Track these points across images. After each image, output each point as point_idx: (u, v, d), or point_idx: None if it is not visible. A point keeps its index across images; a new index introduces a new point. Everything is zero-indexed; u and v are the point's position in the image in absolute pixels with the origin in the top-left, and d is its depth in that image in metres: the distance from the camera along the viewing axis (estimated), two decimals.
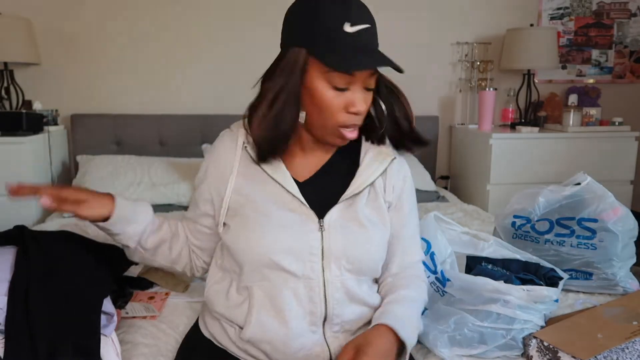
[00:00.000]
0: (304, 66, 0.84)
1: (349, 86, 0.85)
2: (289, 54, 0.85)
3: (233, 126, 0.99)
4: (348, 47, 0.82)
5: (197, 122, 2.63)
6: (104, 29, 2.65)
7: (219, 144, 0.97)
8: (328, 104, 0.85)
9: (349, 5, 0.83)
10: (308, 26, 0.83)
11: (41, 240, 1.10)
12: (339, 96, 0.85)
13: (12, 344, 0.87)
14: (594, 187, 1.39)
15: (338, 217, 0.91)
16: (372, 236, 0.93)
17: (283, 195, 0.91)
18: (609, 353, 0.99)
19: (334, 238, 0.90)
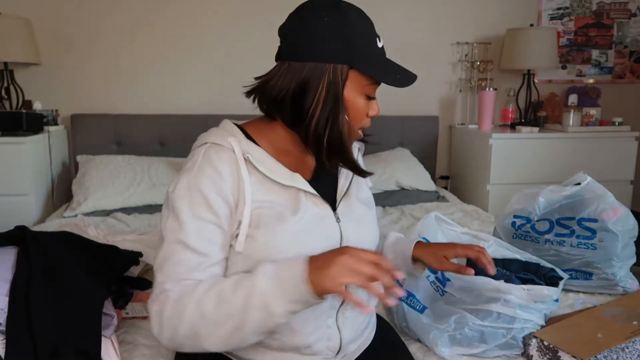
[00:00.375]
0: (345, 81, 0.87)
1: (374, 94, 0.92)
2: (327, 70, 0.86)
3: (213, 139, 0.88)
4: (383, 61, 0.90)
5: (197, 122, 2.63)
6: (104, 29, 2.65)
7: (219, 165, 0.85)
8: (361, 111, 0.91)
9: (371, 22, 0.90)
10: (348, 43, 0.85)
11: (42, 241, 1.11)
12: (366, 104, 0.91)
13: (12, 345, 0.87)
14: (594, 187, 1.39)
15: (345, 205, 0.97)
16: (372, 216, 1.02)
17: (299, 196, 0.91)
18: (609, 353, 0.99)
19: (350, 226, 0.95)
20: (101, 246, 1.30)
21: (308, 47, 0.86)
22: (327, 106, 0.86)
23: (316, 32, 0.85)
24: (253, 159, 0.87)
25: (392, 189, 2.51)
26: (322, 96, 0.86)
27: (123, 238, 1.65)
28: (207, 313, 0.78)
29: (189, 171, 0.85)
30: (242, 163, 0.86)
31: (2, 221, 2.07)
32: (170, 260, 0.83)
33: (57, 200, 2.50)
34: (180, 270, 0.82)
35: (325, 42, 0.85)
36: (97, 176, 2.32)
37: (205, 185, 0.83)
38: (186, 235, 0.82)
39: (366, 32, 0.87)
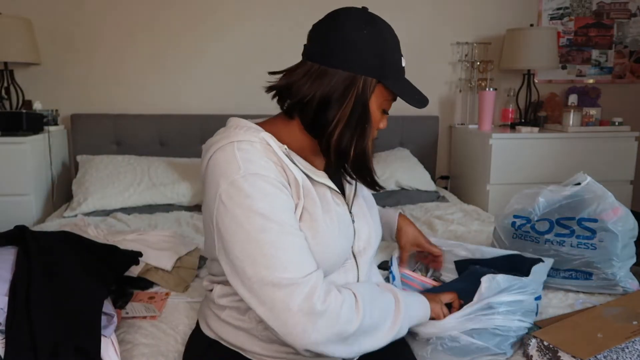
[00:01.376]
0: (371, 94, 0.89)
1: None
2: (358, 82, 0.87)
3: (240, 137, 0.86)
4: (404, 80, 0.93)
5: (197, 122, 2.63)
6: (104, 29, 2.65)
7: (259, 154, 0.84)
8: (377, 125, 0.94)
9: (398, 40, 0.93)
10: (379, 56, 0.88)
11: (42, 241, 1.11)
12: (381, 117, 0.94)
13: (12, 344, 0.87)
14: (594, 187, 1.39)
15: (356, 205, 1.01)
16: (376, 213, 1.06)
17: (327, 194, 0.92)
18: (609, 353, 0.99)
19: (361, 225, 0.99)
20: (101, 246, 1.30)
21: (343, 55, 0.86)
22: (353, 118, 0.88)
23: (354, 42, 0.86)
24: (289, 152, 0.89)
25: (392, 189, 2.51)
26: (350, 107, 0.87)
27: (123, 238, 1.65)
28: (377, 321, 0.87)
29: (235, 171, 0.81)
30: (282, 154, 0.86)
31: (2, 221, 2.07)
32: (280, 256, 0.78)
33: (57, 200, 2.50)
34: (296, 257, 0.79)
35: (362, 53, 0.86)
36: (97, 176, 2.32)
37: (263, 174, 0.82)
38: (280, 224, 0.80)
39: (395, 49, 0.91)
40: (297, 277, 0.78)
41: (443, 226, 2.05)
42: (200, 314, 1.07)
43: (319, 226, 0.87)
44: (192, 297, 1.36)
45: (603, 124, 2.73)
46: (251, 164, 0.82)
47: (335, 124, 0.87)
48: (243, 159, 0.82)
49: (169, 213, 2.20)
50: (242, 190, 0.80)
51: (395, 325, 0.89)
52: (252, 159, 0.83)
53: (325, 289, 0.80)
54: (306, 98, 0.87)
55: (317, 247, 0.86)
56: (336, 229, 0.90)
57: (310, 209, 0.87)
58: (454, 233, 1.98)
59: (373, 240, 1.01)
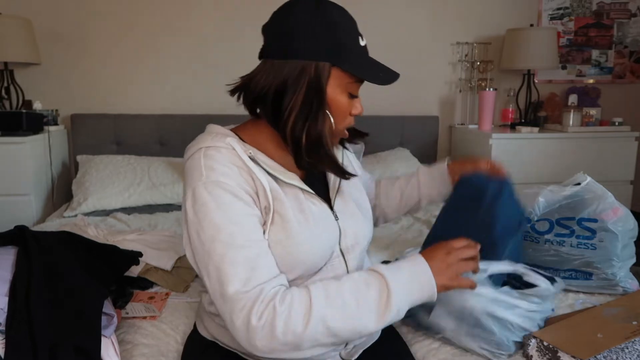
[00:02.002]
0: (328, 79, 0.87)
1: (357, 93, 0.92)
2: (310, 68, 0.85)
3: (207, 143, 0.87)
4: (366, 59, 0.90)
5: (197, 122, 2.63)
6: (104, 29, 2.65)
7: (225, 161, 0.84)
8: (344, 110, 0.90)
9: (353, 20, 0.90)
10: (330, 40, 0.85)
11: (42, 241, 1.11)
12: (349, 103, 0.91)
13: (12, 344, 0.87)
14: (594, 187, 1.39)
15: (340, 202, 0.98)
16: (365, 213, 1.03)
17: (299, 195, 0.91)
18: (609, 353, 0.99)
19: (346, 222, 0.97)
20: (101, 246, 1.30)
21: (290, 45, 0.86)
22: (307, 105, 0.86)
23: (298, 30, 0.85)
24: (255, 156, 0.88)
25: None
26: (302, 94, 0.85)
27: (123, 238, 1.65)
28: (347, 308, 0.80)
29: (199, 177, 0.83)
30: (247, 158, 0.86)
31: (2, 221, 2.08)
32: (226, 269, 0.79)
33: (57, 200, 2.50)
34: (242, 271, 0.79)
35: (307, 40, 0.85)
36: (97, 176, 2.32)
37: (222, 181, 0.82)
38: (229, 235, 0.80)
39: (348, 30, 0.87)
40: (239, 292, 0.78)
41: None
42: (197, 316, 1.07)
43: (292, 227, 0.86)
44: (192, 297, 1.36)
45: (603, 124, 2.73)
46: (213, 171, 0.83)
47: (289, 112, 0.86)
48: (206, 166, 0.84)
49: (169, 213, 2.20)
50: (200, 199, 0.82)
51: (381, 320, 0.82)
52: (215, 166, 0.83)
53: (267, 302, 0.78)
54: (262, 93, 0.88)
55: (291, 247, 0.85)
56: (312, 228, 0.88)
57: (281, 211, 0.86)
58: None
59: (361, 238, 0.99)
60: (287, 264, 0.86)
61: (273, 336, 0.77)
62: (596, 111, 2.75)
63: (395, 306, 0.82)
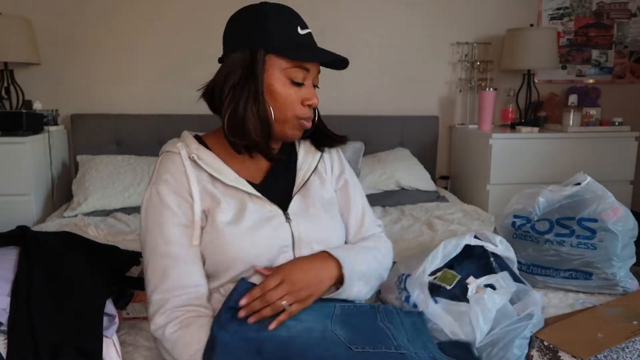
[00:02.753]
0: (264, 66, 0.91)
1: (304, 82, 0.94)
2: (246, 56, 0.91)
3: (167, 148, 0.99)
4: (305, 45, 0.94)
5: (197, 122, 2.62)
6: (104, 29, 2.65)
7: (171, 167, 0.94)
8: (288, 98, 0.93)
9: (295, 13, 0.95)
10: (263, 29, 0.91)
11: (43, 241, 1.11)
12: (296, 92, 0.94)
13: (14, 345, 0.87)
14: (594, 187, 1.39)
15: (299, 206, 0.99)
16: (332, 215, 1.03)
17: (244, 198, 0.94)
18: (609, 352, 1.00)
19: (302, 225, 0.97)
20: (102, 246, 1.30)
21: (232, 41, 0.94)
22: (239, 88, 0.91)
23: (237, 28, 0.94)
24: (199, 159, 0.94)
25: (392, 189, 2.51)
26: (237, 79, 0.91)
27: (123, 238, 1.66)
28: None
29: (151, 182, 0.94)
30: (188, 163, 0.93)
31: (2, 221, 2.07)
32: (147, 272, 0.90)
33: (57, 200, 2.50)
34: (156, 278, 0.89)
35: (242, 33, 0.92)
36: (97, 176, 2.32)
37: (160, 189, 0.91)
38: (153, 242, 0.89)
39: (283, 20, 0.92)
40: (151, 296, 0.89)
41: (443, 226, 2.05)
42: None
43: (222, 228, 0.90)
44: None
45: (603, 124, 2.73)
46: (158, 177, 0.93)
47: (225, 97, 0.92)
48: (158, 171, 0.94)
49: None
50: (145, 202, 0.93)
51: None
52: (161, 173, 0.93)
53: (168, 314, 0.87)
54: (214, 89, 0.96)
55: (221, 246, 0.90)
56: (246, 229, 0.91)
57: (213, 211, 0.91)
58: (454, 233, 1.98)
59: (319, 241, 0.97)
60: (220, 262, 0.90)
61: (167, 347, 0.87)
62: (596, 111, 2.75)
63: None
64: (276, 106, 0.93)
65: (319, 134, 1.06)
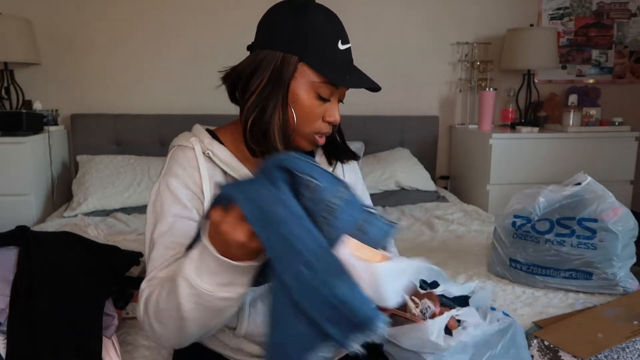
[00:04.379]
0: (293, 73, 0.88)
1: (330, 97, 0.90)
2: (277, 58, 0.87)
3: (178, 142, 0.96)
4: (341, 62, 0.90)
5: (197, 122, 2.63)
6: (104, 28, 2.65)
7: (184, 161, 0.91)
8: (310, 112, 0.89)
9: (340, 25, 0.91)
10: (303, 36, 0.87)
11: (43, 241, 1.11)
12: (320, 106, 0.90)
13: (14, 344, 0.87)
14: (594, 187, 1.39)
15: None
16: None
17: None
18: (610, 352, 1.00)
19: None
20: (102, 246, 1.30)
21: (267, 36, 0.90)
22: (266, 91, 0.87)
23: (277, 24, 0.89)
24: (213, 155, 0.92)
25: (392, 189, 2.51)
26: (265, 80, 0.87)
27: (123, 238, 1.66)
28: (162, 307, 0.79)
29: (161, 175, 0.91)
30: (202, 159, 0.91)
31: (2, 221, 2.07)
32: (149, 258, 0.87)
33: (57, 200, 2.50)
34: (156, 264, 0.86)
35: (282, 33, 0.88)
36: (97, 176, 2.32)
37: (171, 182, 0.89)
38: (159, 233, 0.87)
39: (326, 31, 0.88)
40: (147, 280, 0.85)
41: (443, 226, 2.05)
42: None
43: None
44: None
45: (603, 124, 2.73)
46: (169, 170, 0.91)
47: (249, 95, 0.88)
48: (168, 165, 0.92)
49: None
50: (154, 194, 0.91)
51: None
52: (173, 166, 0.91)
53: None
54: (238, 77, 0.91)
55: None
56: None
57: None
58: (454, 233, 1.98)
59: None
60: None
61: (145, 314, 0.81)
62: (596, 111, 2.75)
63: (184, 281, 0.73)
64: (297, 116, 0.89)
65: (334, 145, 1.02)
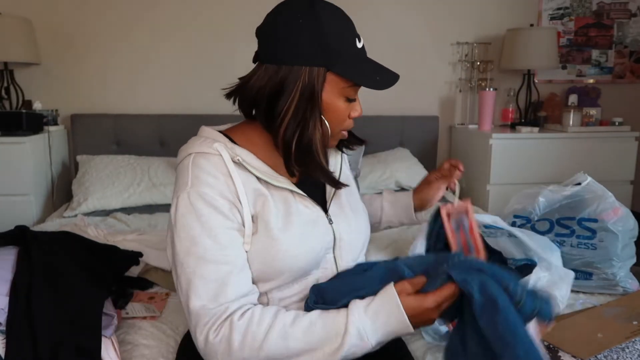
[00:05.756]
0: (323, 84, 0.84)
1: (356, 96, 0.90)
2: (304, 74, 0.83)
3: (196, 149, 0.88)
4: (363, 62, 0.87)
5: (197, 122, 2.62)
6: (104, 28, 2.65)
7: (212, 169, 0.84)
8: (341, 114, 0.88)
9: (350, 21, 0.87)
10: (324, 44, 0.82)
11: (42, 241, 1.11)
12: (347, 107, 0.89)
13: (13, 345, 0.87)
14: (594, 187, 1.39)
15: (336, 206, 0.96)
16: (360, 218, 1.01)
17: (289, 198, 0.89)
18: (609, 352, 0.99)
19: (342, 227, 0.94)
20: (101, 246, 1.30)
21: (282, 50, 0.84)
22: (300, 110, 0.84)
23: (291, 34, 0.83)
24: (243, 160, 0.86)
25: (392, 189, 2.51)
26: (296, 99, 0.83)
27: (123, 238, 1.65)
28: (292, 347, 0.77)
29: (184, 186, 0.83)
30: (232, 166, 0.85)
31: (2, 221, 2.07)
32: (195, 283, 0.79)
33: (57, 200, 2.50)
34: (212, 287, 0.79)
35: (300, 44, 0.83)
36: (97, 176, 2.32)
37: (205, 192, 0.82)
38: (203, 249, 0.80)
39: (343, 33, 0.85)
40: (205, 307, 0.79)
41: None
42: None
43: (276, 234, 0.85)
44: None
45: (603, 124, 2.73)
46: (198, 180, 0.83)
47: (282, 116, 0.84)
48: (193, 174, 0.84)
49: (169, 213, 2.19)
50: (181, 208, 0.82)
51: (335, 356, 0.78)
52: (200, 175, 0.83)
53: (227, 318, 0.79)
54: (257, 95, 0.86)
55: (276, 254, 0.85)
56: (298, 233, 0.87)
57: (266, 217, 0.85)
58: None
59: (356, 242, 0.97)
60: (273, 270, 0.85)
61: (231, 351, 0.77)
62: (596, 111, 2.75)
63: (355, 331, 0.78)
64: (330, 122, 0.88)
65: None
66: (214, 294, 0.79)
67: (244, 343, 0.77)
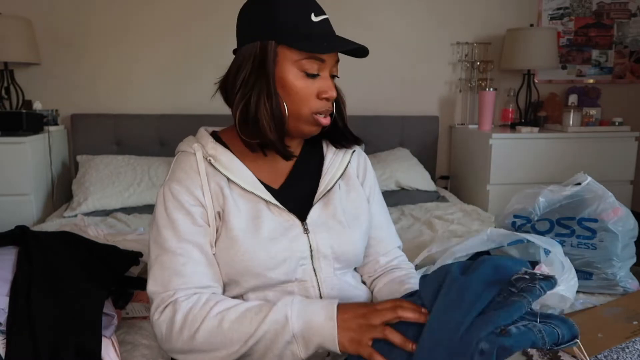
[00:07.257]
0: (275, 58, 0.85)
1: (319, 72, 0.88)
2: (256, 49, 0.85)
3: (183, 147, 0.93)
4: (317, 33, 0.86)
5: (197, 122, 2.62)
6: (104, 29, 2.65)
7: (186, 167, 0.89)
8: (301, 92, 0.86)
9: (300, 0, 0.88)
10: (273, 19, 0.85)
11: (42, 241, 1.11)
12: (311, 84, 0.87)
13: (13, 344, 0.87)
14: (594, 187, 1.39)
15: (319, 216, 0.93)
16: (353, 230, 0.95)
17: (259, 204, 0.89)
18: (609, 352, 0.99)
19: (321, 236, 0.91)
20: (101, 246, 1.30)
21: (241, 34, 0.89)
22: (250, 83, 0.86)
23: (246, 17, 0.89)
24: (215, 161, 0.89)
25: (392, 189, 2.51)
26: (247, 73, 0.86)
27: (123, 238, 1.66)
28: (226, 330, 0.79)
29: (165, 182, 0.90)
30: (202, 165, 0.88)
31: (2, 221, 2.08)
32: (154, 269, 0.85)
33: (57, 200, 2.50)
34: (166, 274, 0.84)
35: (252, 23, 0.87)
36: (97, 176, 2.32)
37: (174, 187, 0.87)
38: (164, 239, 0.85)
39: (295, 7, 0.86)
40: (157, 292, 0.84)
41: (443, 226, 2.05)
42: None
43: (236, 235, 0.85)
44: None
45: (603, 124, 2.73)
46: (173, 175, 0.89)
47: (236, 92, 0.87)
48: (172, 169, 0.91)
49: None
50: (157, 199, 0.89)
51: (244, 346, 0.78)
52: (176, 171, 0.89)
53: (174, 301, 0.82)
54: (227, 83, 0.90)
55: (235, 256, 0.85)
56: (261, 238, 0.86)
57: (228, 218, 0.86)
58: (454, 233, 1.98)
59: (341, 254, 0.92)
60: (235, 272, 0.87)
61: (172, 331, 0.81)
62: (596, 111, 2.75)
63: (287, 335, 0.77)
64: (290, 100, 0.86)
65: (334, 128, 0.97)
66: (167, 280, 0.83)
67: (184, 324, 0.80)
